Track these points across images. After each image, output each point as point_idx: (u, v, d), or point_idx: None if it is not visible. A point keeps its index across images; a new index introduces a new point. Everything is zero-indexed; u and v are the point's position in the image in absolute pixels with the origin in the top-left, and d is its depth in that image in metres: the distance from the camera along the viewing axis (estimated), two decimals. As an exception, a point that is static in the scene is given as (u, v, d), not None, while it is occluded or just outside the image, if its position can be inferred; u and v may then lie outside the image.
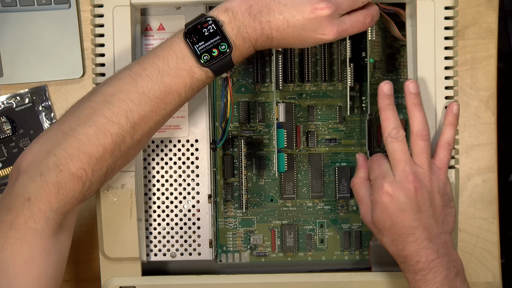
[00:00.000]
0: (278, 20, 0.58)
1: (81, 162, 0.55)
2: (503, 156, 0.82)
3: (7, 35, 0.76)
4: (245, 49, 0.59)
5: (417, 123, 0.62)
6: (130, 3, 0.67)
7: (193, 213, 0.72)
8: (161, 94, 0.57)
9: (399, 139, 0.61)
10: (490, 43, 0.77)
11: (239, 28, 0.58)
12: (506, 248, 0.93)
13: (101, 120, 0.56)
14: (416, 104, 0.62)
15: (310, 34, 0.59)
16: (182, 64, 0.58)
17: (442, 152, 0.63)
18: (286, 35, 0.58)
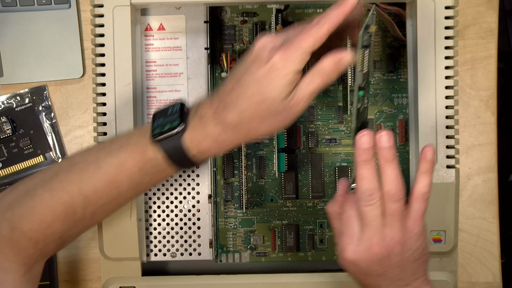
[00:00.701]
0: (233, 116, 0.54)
1: (32, 223, 0.55)
2: (503, 156, 0.82)
3: (7, 35, 0.76)
4: (200, 136, 0.55)
5: (387, 183, 0.53)
6: (130, 3, 0.67)
7: (193, 213, 0.72)
8: (115, 170, 0.56)
9: (371, 203, 0.54)
10: (490, 43, 0.77)
11: (201, 115, 0.55)
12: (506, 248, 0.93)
13: (57, 186, 0.56)
14: (388, 161, 0.53)
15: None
16: (139, 139, 0.56)
17: (416, 204, 0.55)
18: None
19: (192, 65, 0.72)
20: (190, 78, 0.72)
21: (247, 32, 0.76)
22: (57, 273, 0.76)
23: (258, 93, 0.52)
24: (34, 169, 0.76)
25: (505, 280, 0.77)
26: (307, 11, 0.75)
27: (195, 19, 0.72)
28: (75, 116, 0.78)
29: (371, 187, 0.53)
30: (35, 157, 0.76)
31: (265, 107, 0.53)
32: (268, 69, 0.52)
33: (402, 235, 0.54)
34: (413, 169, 0.69)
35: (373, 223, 0.54)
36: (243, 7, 0.75)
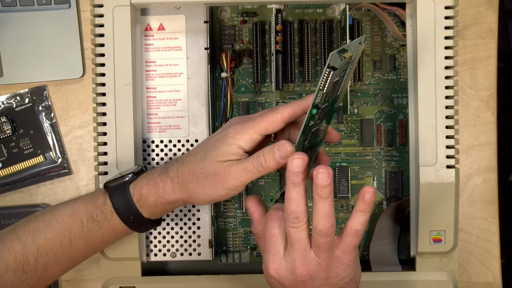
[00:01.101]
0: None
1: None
2: (503, 156, 0.82)
3: (7, 35, 0.76)
4: (144, 181, 0.60)
5: (317, 218, 0.52)
6: (130, 3, 0.67)
7: (193, 213, 0.72)
8: (68, 218, 0.59)
9: (296, 226, 0.53)
10: (490, 43, 0.77)
11: (150, 174, 0.60)
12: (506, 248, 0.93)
13: (11, 237, 0.58)
14: (322, 197, 0.52)
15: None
16: (95, 192, 0.62)
17: (347, 239, 0.54)
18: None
19: (192, 65, 0.72)
20: (190, 78, 0.72)
21: (247, 32, 0.76)
22: (57, 273, 0.76)
23: (203, 151, 0.58)
24: (34, 169, 0.76)
25: (505, 280, 0.77)
26: (307, 11, 0.75)
27: (195, 19, 0.72)
28: (75, 116, 0.78)
29: (298, 210, 0.53)
30: (35, 157, 0.76)
31: (202, 164, 0.57)
32: (220, 136, 0.57)
33: (329, 262, 0.54)
34: (412, 170, 0.69)
35: (298, 245, 0.54)
36: (243, 7, 0.75)
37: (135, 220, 0.60)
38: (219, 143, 0.57)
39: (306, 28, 0.74)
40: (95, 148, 0.68)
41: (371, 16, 0.75)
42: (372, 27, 0.75)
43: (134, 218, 0.59)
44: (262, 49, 0.75)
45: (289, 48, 0.74)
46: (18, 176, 0.76)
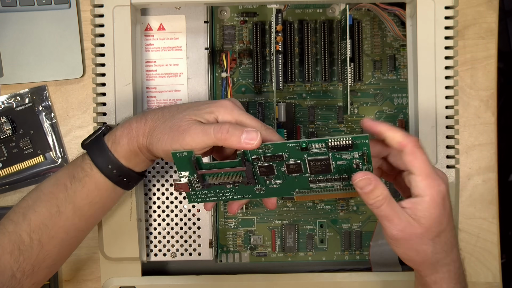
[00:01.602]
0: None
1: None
2: (503, 156, 0.82)
3: (7, 35, 0.76)
4: (118, 127, 0.60)
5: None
6: (130, 3, 0.67)
7: (193, 213, 0.72)
8: (52, 187, 0.60)
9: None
10: (490, 43, 0.77)
11: (123, 125, 0.60)
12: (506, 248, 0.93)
13: (3, 221, 0.59)
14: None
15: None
16: (76, 158, 0.62)
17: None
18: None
19: (192, 65, 0.72)
20: (190, 78, 0.72)
21: (247, 32, 0.76)
22: (58, 273, 0.76)
23: (186, 106, 0.59)
24: (34, 169, 0.76)
25: (505, 280, 0.77)
26: (307, 11, 0.75)
27: (195, 19, 0.72)
28: (75, 116, 0.78)
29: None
30: (35, 157, 0.76)
31: (177, 116, 0.57)
32: (209, 102, 0.59)
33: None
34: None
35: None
36: (243, 7, 0.75)
37: (114, 168, 0.59)
38: (203, 106, 0.57)
39: (306, 28, 0.74)
40: (95, 148, 0.68)
41: (371, 16, 0.75)
42: (372, 27, 0.75)
43: (113, 166, 0.59)
44: (262, 49, 0.75)
45: (289, 48, 0.74)
46: (18, 176, 0.76)
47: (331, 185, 0.57)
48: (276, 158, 0.55)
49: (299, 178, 0.57)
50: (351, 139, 0.53)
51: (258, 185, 0.58)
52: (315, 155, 0.55)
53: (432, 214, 0.53)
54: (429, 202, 0.53)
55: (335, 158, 0.55)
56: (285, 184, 0.57)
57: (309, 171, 0.56)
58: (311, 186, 0.57)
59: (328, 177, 0.56)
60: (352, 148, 0.54)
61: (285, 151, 0.55)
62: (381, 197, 0.53)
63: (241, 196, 0.59)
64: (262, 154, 0.55)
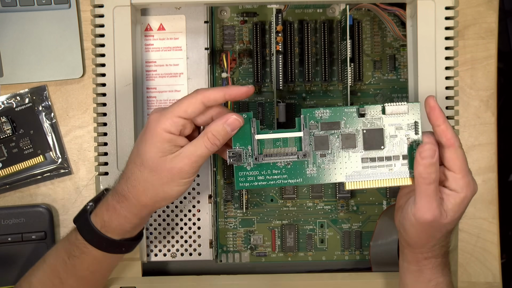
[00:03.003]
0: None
1: None
2: (503, 156, 0.82)
3: (7, 35, 0.76)
4: (103, 208, 0.59)
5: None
6: (131, 3, 0.67)
7: (194, 213, 0.72)
8: (53, 259, 0.62)
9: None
10: (490, 43, 0.77)
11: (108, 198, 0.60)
12: (506, 248, 0.93)
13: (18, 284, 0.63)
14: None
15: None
16: (70, 233, 0.62)
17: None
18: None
19: (192, 65, 0.72)
20: (190, 78, 0.72)
21: (247, 32, 0.76)
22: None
23: (137, 155, 0.57)
24: (34, 169, 0.76)
25: (505, 280, 0.77)
26: (307, 11, 0.75)
27: (195, 19, 0.72)
28: (75, 116, 0.78)
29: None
30: (35, 157, 0.76)
31: (149, 169, 0.55)
32: (144, 132, 0.56)
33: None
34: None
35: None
36: (243, 7, 0.75)
37: (110, 245, 0.60)
38: (146, 139, 0.56)
39: (306, 28, 0.74)
40: (95, 148, 0.68)
41: (371, 16, 0.75)
42: (372, 27, 0.75)
43: (107, 243, 0.59)
44: (262, 49, 0.75)
45: (289, 48, 0.74)
46: (18, 176, 0.76)
47: (380, 169, 0.58)
48: (333, 126, 0.57)
49: (352, 157, 0.58)
50: (406, 105, 0.56)
51: (311, 164, 0.57)
52: (370, 124, 0.57)
53: (460, 209, 0.56)
54: (462, 199, 0.56)
55: (388, 129, 0.57)
56: (337, 164, 0.58)
57: (363, 145, 0.57)
58: (363, 167, 0.58)
59: (380, 156, 0.57)
60: (407, 113, 0.56)
61: (342, 118, 0.57)
62: (434, 175, 0.55)
63: (291, 180, 0.58)
64: (319, 120, 0.57)
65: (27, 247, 0.75)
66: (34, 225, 0.75)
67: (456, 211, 0.56)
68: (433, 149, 0.54)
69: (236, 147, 0.56)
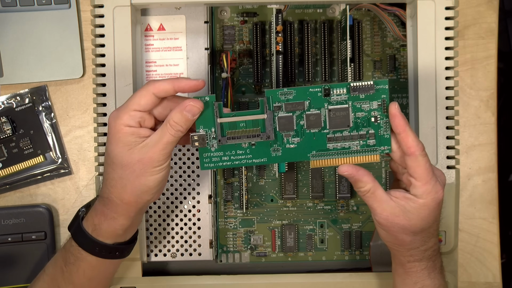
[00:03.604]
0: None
1: None
2: (503, 156, 0.82)
3: (7, 35, 0.76)
4: (93, 214, 0.59)
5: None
6: (131, 3, 0.67)
7: (194, 213, 0.72)
8: (52, 268, 0.62)
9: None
10: (490, 43, 0.77)
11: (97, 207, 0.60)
12: (506, 248, 0.93)
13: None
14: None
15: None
16: (66, 241, 0.62)
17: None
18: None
19: (192, 65, 0.72)
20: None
21: (247, 32, 0.76)
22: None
23: (107, 155, 0.57)
24: (34, 169, 0.76)
25: (505, 280, 0.77)
26: (307, 11, 0.75)
27: (195, 19, 0.72)
28: (75, 116, 0.78)
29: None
30: (35, 157, 0.76)
31: (120, 166, 0.56)
32: (108, 133, 0.57)
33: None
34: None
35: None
36: (243, 7, 0.75)
37: (102, 249, 0.59)
38: (110, 138, 0.56)
39: (306, 28, 0.74)
40: (95, 149, 0.68)
41: (371, 16, 0.75)
42: (372, 27, 0.75)
43: (100, 248, 0.59)
44: (262, 49, 0.75)
45: (289, 48, 0.74)
46: (18, 176, 0.76)
47: (348, 146, 0.57)
48: (297, 107, 0.56)
49: (317, 136, 0.57)
50: (372, 82, 0.55)
51: (276, 144, 0.57)
52: (336, 104, 0.56)
53: (421, 214, 0.56)
54: (421, 204, 0.56)
55: (354, 108, 0.56)
56: (302, 144, 0.57)
57: (328, 125, 0.56)
58: (329, 146, 0.57)
59: (346, 134, 0.57)
60: (373, 91, 0.55)
61: (307, 98, 0.56)
62: (363, 189, 0.57)
63: (256, 159, 0.58)
64: (283, 101, 0.56)
65: (27, 247, 0.75)
66: (34, 225, 0.75)
67: (417, 215, 0.56)
68: (349, 171, 0.56)
69: (199, 129, 0.56)
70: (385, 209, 0.57)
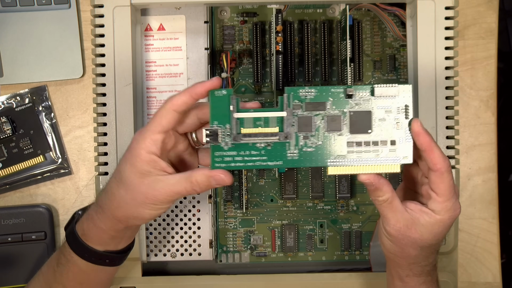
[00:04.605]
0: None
1: None
2: (503, 156, 0.82)
3: (7, 35, 0.76)
4: (84, 218, 0.59)
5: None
6: (131, 3, 0.67)
7: (193, 213, 0.72)
8: (46, 268, 0.63)
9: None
10: (490, 43, 0.77)
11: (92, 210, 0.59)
12: (506, 248, 0.93)
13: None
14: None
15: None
16: (62, 242, 0.62)
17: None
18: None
19: (192, 65, 0.72)
20: (190, 78, 0.72)
21: (247, 32, 0.76)
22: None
23: (118, 172, 0.56)
24: (34, 169, 0.76)
25: (505, 280, 0.77)
26: (307, 11, 0.75)
27: (195, 19, 0.72)
28: (75, 116, 0.78)
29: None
30: (35, 157, 0.76)
31: (121, 181, 0.55)
32: (127, 152, 0.55)
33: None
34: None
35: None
36: (243, 7, 0.75)
37: (92, 255, 0.59)
38: (127, 158, 0.55)
39: (306, 28, 0.74)
40: (95, 149, 0.68)
41: (371, 16, 0.75)
42: (372, 27, 0.75)
43: (89, 254, 0.59)
44: (262, 49, 0.75)
45: (289, 48, 0.74)
46: (18, 176, 0.76)
47: (366, 154, 0.54)
48: (318, 107, 0.53)
49: (337, 140, 0.54)
50: (397, 85, 0.54)
51: (293, 146, 0.54)
52: (357, 106, 0.53)
53: (434, 229, 0.55)
54: (438, 220, 0.54)
55: (376, 112, 0.54)
56: (321, 148, 0.54)
57: (349, 128, 0.53)
58: (348, 151, 0.54)
59: (366, 140, 0.54)
60: (397, 96, 0.54)
61: (328, 98, 0.53)
62: (381, 198, 0.54)
63: (271, 162, 0.54)
64: (303, 100, 0.53)
65: (27, 247, 0.75)
66: (34, 225, 0.75)
67: (430, 230, 0.54)
68: (369, 179, 0.53)
69: (213, 125, 0.53)
70: (399, 220, 0.54)
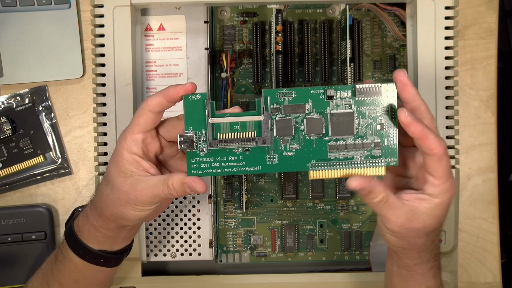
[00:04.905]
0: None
1: None
2: (503, 156, 0.82)
3: (7, 35, 0.76)
4: (81, 215, 0.59)
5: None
6: (131, 3, 0.67)
7: (193, 213, 0.72)
8: (46, 264, 0.63)
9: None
10: (490, 43, 0.77)
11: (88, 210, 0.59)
12: (506, 248, 0.93)
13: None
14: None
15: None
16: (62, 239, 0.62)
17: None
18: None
19: (192, 65, 0.72)
20: (190, 78, 0.72)
21: (247, 32, 0.76)
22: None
23: (106, 172, 0.56)
24: (34, 169, 0.76)
25: (505, 280, 0.77)
26: (307, 11, 0.75)
27: (195, 19, 0.72)
28: (75, 116, 0.78)
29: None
30: (35, 157, 0.76)
31: (111, 186, 0.55)
32: (113, 153, 0.55)
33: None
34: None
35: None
36: (243, 7, 0.75)
37: (87, 253, 0.59)
38: (112, 158, 0.55)
39: (306, 28, 0.74)
40: (95, 148, 0.68)
41: (371, 16, 0.75)
42: (372, 27, 0.75)
43: (84, 251, 0.59)
44: (262, 49, 0.75)
45: (289, 48, 0.74)
46: (18, 176, 0.76)
47: (351, 156, 0.52)
48: (297, 110, 0.51)
49: (318, 143, 0.52)
50: (380, 85, 0.50)
51: (272, 151, 0.52)
52: (339, 108, 0.51)
53: (436, 213, 0.53)
54: (437, 204, 0.53)
55: (359, 113, 0.51)
56: (301, 152, 0.52)
57: (330, 131, 0.51)
58: (330, 155, 0.52)
59: (350, 142, 0.52)
60: (380, 96, 0.51)
61: (308, 100, 0.51)
62: (376, 200, 0.52)
63: (249, 167, 0.52)
64: (282, 103, 0.51)
65: (27, 247, 0.75)
66: (34, 225, 0.75)
67: (432, 215, 0.53)
68: (359, 183, 0.50)
69: (188, 131, 0.52)
70: (399, 216, 0.52)
